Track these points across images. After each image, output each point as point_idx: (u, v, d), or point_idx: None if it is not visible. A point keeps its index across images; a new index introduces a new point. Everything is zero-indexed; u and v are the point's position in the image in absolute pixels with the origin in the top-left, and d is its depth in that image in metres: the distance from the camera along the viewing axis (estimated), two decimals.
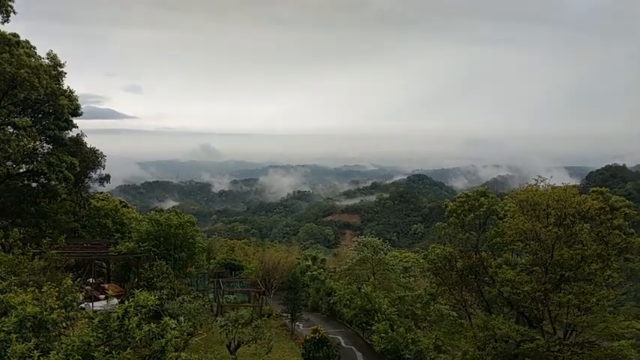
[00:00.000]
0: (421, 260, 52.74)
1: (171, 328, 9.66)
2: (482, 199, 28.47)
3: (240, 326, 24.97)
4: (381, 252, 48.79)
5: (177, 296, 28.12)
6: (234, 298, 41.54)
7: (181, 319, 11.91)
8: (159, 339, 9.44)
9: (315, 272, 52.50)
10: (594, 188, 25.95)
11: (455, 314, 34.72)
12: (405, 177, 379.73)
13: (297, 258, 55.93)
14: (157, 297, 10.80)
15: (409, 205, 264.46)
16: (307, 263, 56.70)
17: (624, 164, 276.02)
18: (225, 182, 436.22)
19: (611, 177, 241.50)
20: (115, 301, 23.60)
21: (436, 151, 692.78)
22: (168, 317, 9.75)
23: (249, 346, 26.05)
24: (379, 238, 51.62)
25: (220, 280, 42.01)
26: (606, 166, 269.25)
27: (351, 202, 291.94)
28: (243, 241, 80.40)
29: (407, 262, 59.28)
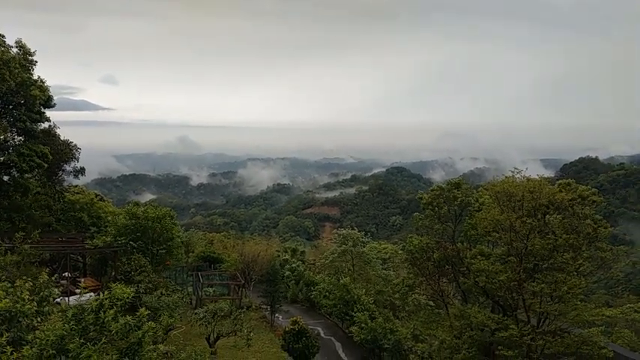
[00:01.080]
0: (399, 252, 53.31)
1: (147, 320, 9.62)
2: (456, 191, 28.86)
3: (219, 318, 24.94)
4: (361, 244, 49.11)
5: (156, 290, 27.90)
6: (214, 291, 41.40)
7: (165, 313, 11.87)
8: (135, 331, 9.39)
9: (294, 265, 52.61)
10: (561, 180, 26.62)
11: (432, 304, 35.22)
12: (384, 169, 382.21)
13: (276, 250, 55.94)
14: (134, 290, 10.73)
15: (388, 198, 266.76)
16: (286, 256, 56.75)
17: (597, 157, 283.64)
18: (203, 175, 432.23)
19: (584, 169, 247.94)
20: (92, 294, 23.29)
21: (414, 144, 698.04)
22: (144, 309, 9.69)
23: (228, 338, 26.06)
24: (359, 230, 51.93)
25: (199, 274, 41.81)
26: (580, 158, 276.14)
27: (330, 194, 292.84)
28: (222, 234, 79.84)
29: (385, 253, 59.85)
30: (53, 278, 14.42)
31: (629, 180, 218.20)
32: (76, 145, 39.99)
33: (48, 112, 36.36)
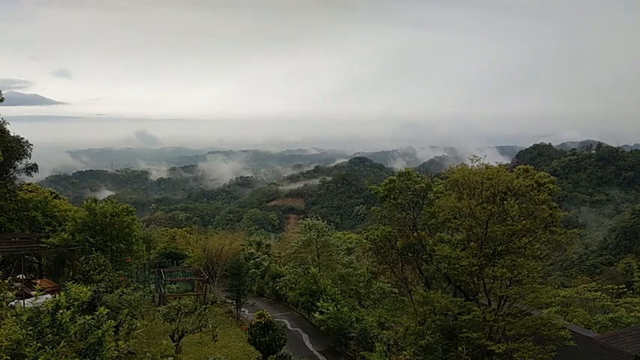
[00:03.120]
0: (364, 240, 53.94)
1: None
2: (408, 181, 29.39)
3: (183, 315, 24.53)
4: (326, 234, 49.38)
5: (116, 288, 27.14)
6: (177, 288, 40.72)
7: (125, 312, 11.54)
8: (95, 331, 9.07)
9: (258, 259, 52.36)
10: (520, 166, 27.47)
11: (397, 291, 35.84)
12: (347, 160, 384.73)
13: (241, 244, 55.49)
14: (93, 290, 10.37)
15: (351, 188, 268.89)
16: (251, 250, 56.38)
17: (550, 143, 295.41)
18: (163, 170, 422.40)
19: (538, 155, 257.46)
20: (49, 296, 22.42)
21: (376, 134, 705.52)
22: (103, 307, 9.36)
23: (193, 335, 25.69)
24: (323, 221, 52.12)
25: (161, 270, 40.98)
26: (534, 145, 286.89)
27: (294, 186, 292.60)
28: (184, 229, 78.54)
29: (350, 243, 60.40)
30: (6, 281, 13.75)
31: (580, 165, 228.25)
32: (27, 141, 38.36)
33: None
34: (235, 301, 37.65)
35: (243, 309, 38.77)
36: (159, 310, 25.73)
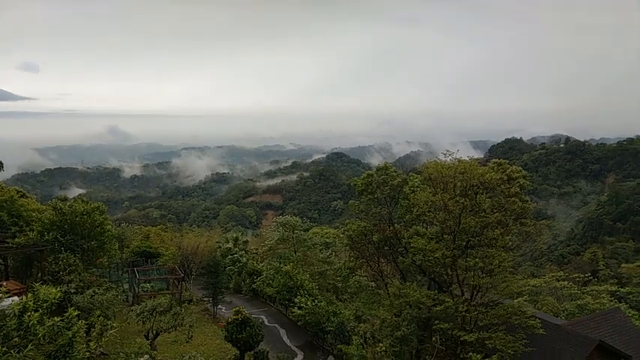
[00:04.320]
0: (341, 235, 54.21)
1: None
2: (385, 176, 29.68)
3: (157, 314, 24.21)
4: (299, 230, 49.43)
5: (88, 289, 26.56)
6: (151, 287, 40.16)
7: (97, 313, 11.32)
8: (65, 333, 8.86)
9: (236, 255, 52.05)
10: (494, 160, 27.97)
11: (373, 284, 36.13)
12: (324, 155, 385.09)
13: (217, 242, 55.01)
14: (62, 291, 10.13)
15: (329, 183, 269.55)
16: (228, 246, 55.97)
17: (521, 137, 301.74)
18: (136, 166, 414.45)
19: (510, 149, 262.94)
20: (15, 299, 21.79)
21: (353, 129, 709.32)
22: (73, 308, 9.15)
23: (169, 334, 25.39)
24: (301, 217, 52.16)
25: (135, 269, 40.37)
26: (506, 139, 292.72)
27: (272, 182, 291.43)
28: (159, 227, 77.36)
29: (328, 237, 60.62)
30: None
31: (550, 159, 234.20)
32: None
33: None
34: (212, 298, 37.38)
35: (219, 306, 38.53)
36: (132, 310, 25.33)
